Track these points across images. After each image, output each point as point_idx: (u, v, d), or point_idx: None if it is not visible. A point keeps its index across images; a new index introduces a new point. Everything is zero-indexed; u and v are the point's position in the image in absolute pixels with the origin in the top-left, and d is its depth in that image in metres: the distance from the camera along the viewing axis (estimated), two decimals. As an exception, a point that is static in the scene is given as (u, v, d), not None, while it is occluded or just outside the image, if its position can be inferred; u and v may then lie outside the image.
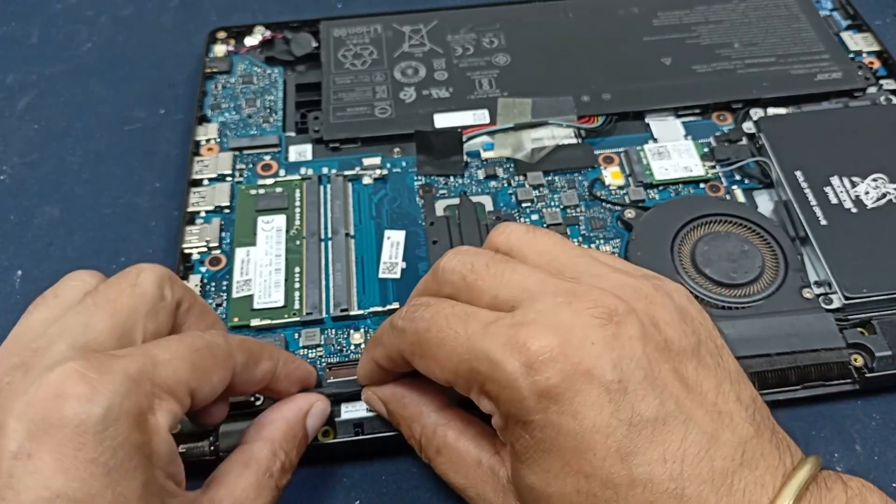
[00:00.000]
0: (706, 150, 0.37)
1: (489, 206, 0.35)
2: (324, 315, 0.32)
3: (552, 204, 0.35)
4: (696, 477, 0.19)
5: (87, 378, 0.19)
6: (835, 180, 0.34)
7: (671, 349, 0.21)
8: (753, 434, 0.21)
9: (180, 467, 0.22)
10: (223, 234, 0.35)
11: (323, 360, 0.30)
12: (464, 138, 0.37)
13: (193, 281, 0.33)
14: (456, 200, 0.36)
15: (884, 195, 0.34)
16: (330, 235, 0.34)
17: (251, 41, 0.43)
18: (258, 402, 0.28)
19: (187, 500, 0.22)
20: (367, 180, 0.37)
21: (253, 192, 0.36)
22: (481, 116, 0.38)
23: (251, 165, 0.37)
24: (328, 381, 0.29)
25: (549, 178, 0.37)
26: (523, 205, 0.35)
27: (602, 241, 0.34)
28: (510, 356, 0.20)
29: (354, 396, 0.28)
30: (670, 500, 0.19)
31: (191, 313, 0.25)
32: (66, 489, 0.18)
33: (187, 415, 0.24)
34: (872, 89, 0.40)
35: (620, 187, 0.36)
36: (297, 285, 0.32)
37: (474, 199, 0.36)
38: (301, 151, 0.38)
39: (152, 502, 0.19)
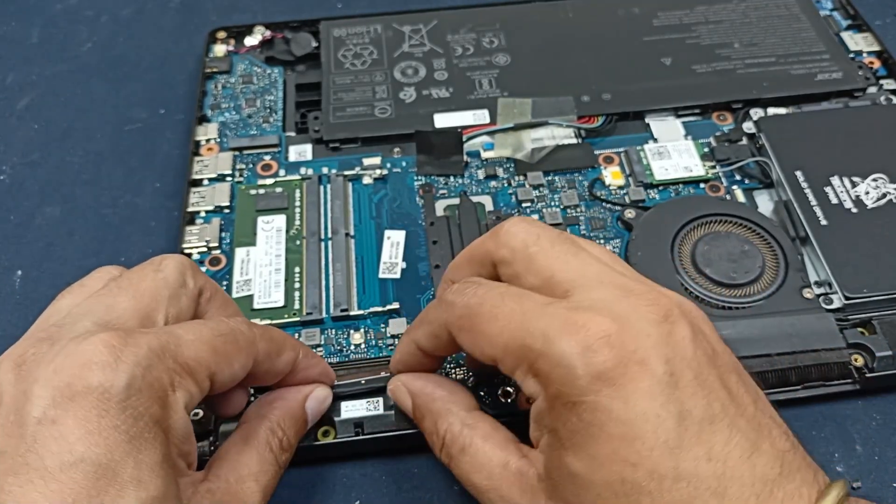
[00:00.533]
0: (706, 150, 0.37)
1: (489, 206, 0.35)
2: (324, 315, 0.32)
3: (552, 204, 0.35)
4: (738, 479, 0.19)
5: (112, 348, 0.20)
6: (835, 180, 0.34)
7: (717, 358, 0.21)
8: (790, 448, 0.21)
9: (194, 447, 0.22)
10: (223, 234, 0.35)
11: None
12: (464, 138, 0.37)
13: (193, 281, 0.33)
14: (456, 200, 0.36)
15: (884, 195, 0.34)
16: (330, 235, 0.34)
17: (251, 41, 0.43)
18: None
19: (194, 479, 0.22)
20: (367, 180, 0.37)
21: (253, 192, 0.36)
22: (481, 116, 0.38)
23: (251, 165, 0.37)
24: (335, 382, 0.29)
25: (550, 178, 0.36)
26: (523, 205, 0.35)
27: (602, 242, 0.34)
28: (567, 335, 0.20)
29: (355, 395, 0.28)
30: (712, 499, 0.19)
31: (212, 302, 0.25)
32: (89, 454, 0.18)
33: (206, 402, 0.24)
34: (872, 89, 0.40)
35: (620, 187, 0.36)
36: (297, 285, 0.32)
37: (474, 198, 0.36)
38: (301, 151, 0.38)
39: (167, 477, 0.20)
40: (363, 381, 0.29)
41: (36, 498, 0.18)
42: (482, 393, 0.29)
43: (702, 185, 0.36)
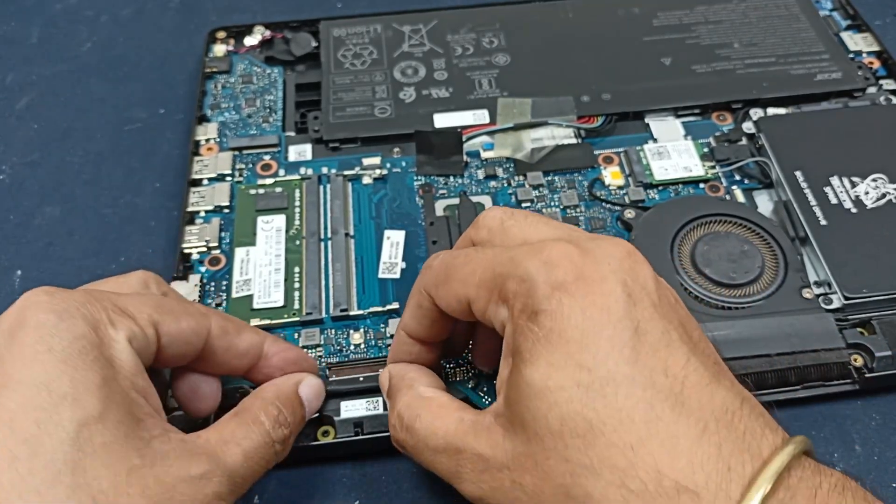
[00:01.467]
0: (706, 150, 0.37)
1: (489, 206, 0.35)
2: (323, 315, 0.32)
3: (552, 204, 0.35)
4: (696, 399, 0.20)
5: (49, 293, 0.21)
6: (834, 180, 0.34)
7: (679, 307, 0.22)
8: (750, 396, 0.21)
9: (152, 390, 0.23)
10: (223, 234, 0.35)
11: (323, 360, 0.30)
12: (463, 138, 0.37)
13: (193, 281, 0.33)
14: (456, 200, 0.36)
15: (883, 195, 0.34)
16: (330, 235, 0.34)
17: (251, 41, 0.43)
18: None
19: (167, 427, 0.22)
20: (366, 180, 0.37)
21: (252, 191, 0.36)
22: (481, 116, 0.38)
23: (251, 165, 0.37)
24: (330, 378, 0.29)
25: (549, 178, 0.37)
26: (523, 205, 0.35)
27: (602, 241, 0.34)
28: (533, 257, 0.21)
29: (355, 392, 0.28)
30: (670, 409, 0.19)
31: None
32: (24, 376, 0.20)
33: (176, 397, 0.25)
34: (872, 89, 0.40)
35: (620, 187, 0.36)
36: (296, 285, 0.32)
37: (474, 199, 0.36)
38: (301, 151, 0.38)
39: (109, 402, 0.20)
40: (361, 378, 0.29)
41: None
42: (481, 392, 0.29)
43: (701, 186, 0.36)
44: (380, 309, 0.32)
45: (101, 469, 0.19)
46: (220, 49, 0.43)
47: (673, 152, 0.37)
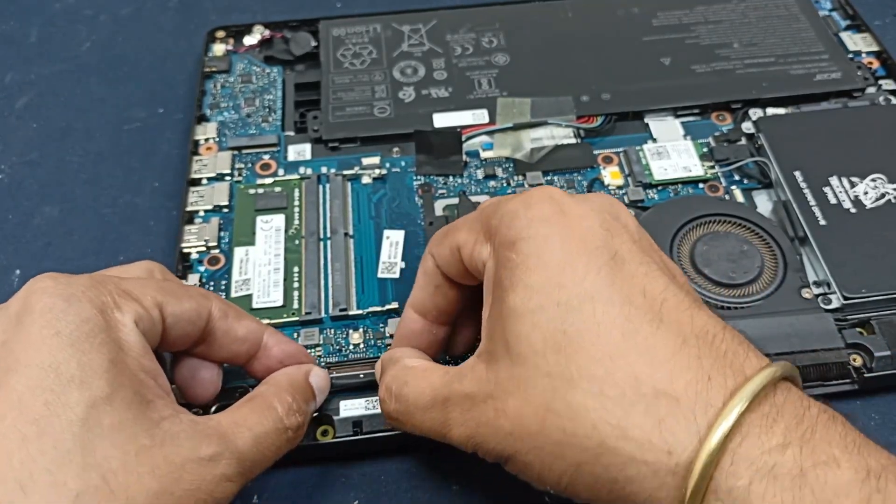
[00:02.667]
0: (705, 150, 0.37)
1: (488, 206, 0.35)
2: (323, 315, 0.32)
3: (551, 204, 0.35)
4: (675, 319, 0.20)
5: (55, 278, 0.22)
6: (834, 180, 0.34)
7: (659, 251, 0.24)
8: (731, 328, 0.21)
9: (161, 371, 0.23)
10: (222, 234, 0.34)
11: (322, 359, 0.30)
12: (463, 138, 0.37)
13: (192, 280, 0.33)
14: (455, 200, 0.36)
15: (882, 195, 0.34)
16: (329, 235, 0.34)
17: (250, 40, 0.43)
18: None
19: (177, 408, 0.22)
20: (366, 180, 0.37)
21: (252, 191, 0.36)
22: (480, 116, 0.38)
23: (250, 165, 0.37)
24: (330, 376, 0.29)
25: (549, 177, 0.36)
26: (522, 204, 0.35)
27: (601, 241, 0.34)
28: (517, 198, 0.23)
29: (354, 391, 0.29)
30: (649, 325, 0.20)
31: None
32: (33, 359, 0.20)
33: (178, 385, 0.25)
34: (871, 89, 0.40)
35: (620, 187, 0.36)
36: (296, 285, 0.32)
37: (473, 198, 0.36)
38: (300, 151, 0.38)
39: (117, 383, 0.20)
40: (362, 375, 0.29)
41: None
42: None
43: (701, 186, 0.36)
44: (379, 309, 0.32)
45: (111, 449, 0.19)
46: (219, 48, 0.43)
47: (672, 152, 0.37)
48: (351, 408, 0.28)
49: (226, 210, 0.35)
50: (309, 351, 0.30)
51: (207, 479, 0.21)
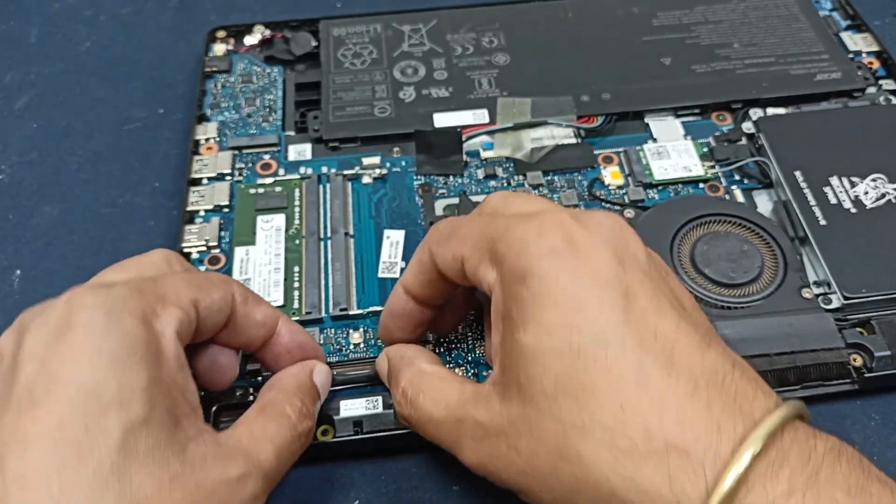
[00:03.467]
0: (705, 150, 0.37)
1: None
2: (323, 314, 0.32)
3: (552, 204, 0.35)
4: (686, 360, 0.20)
5: (94, 291, 0.21)
6: (834, 180, 0.34)
7: (668, 274, 0.23)
8: (743, 363, 0.21)
9: (193, 387, 0.23)
10: (222, 234, 0.34)
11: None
12: (463, 138, 0.37)
13: (192, 280, 0.33)
14: (455, 200, 0.36)
15: (883, 195, 0.34)
16: (329, 235, 0.34)
17: (251, 40, 0.43)
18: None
19: (201, 427, 0.22)
20: (366, 180, 0.37)
21: (252, 191, 0.36)
22: (481, 116, 0.38)
23: (250, 165, 0.37)
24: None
25: (549, 177, 0.37)
26: (523, 204, 0.35)
27: (601, 241, 0.34)
28: (526, 223, 0.22)
29: (355, 390, 0.29)
30: (661, 371, 0.20)
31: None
32: (73, 379, 0.19)
33: (196, 372, 0.25)
34: (872, 89, 0.40)
35: (620, 187, 0.36)
36: (296, 285, 0.32)
37: (474, 198, 0.36)
38: (300, 151, 0.38)
39: (155, 403, 0.20)
40: (361, 376, 0.29)
41: (27, 426, 0.19)
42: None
43: (701, 185, 0.36)
44: (379, 308, 0.32)
45: (146, 476, 0.19)
46: (219, 48, 0.43)
47: (672, 152, 0.37)
48: (351, 408, 0.28)
49: (226, 210, 0.35)
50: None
51: (237, 500, 0.21)
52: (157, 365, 0.21)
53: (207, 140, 0.38)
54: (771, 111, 0.38)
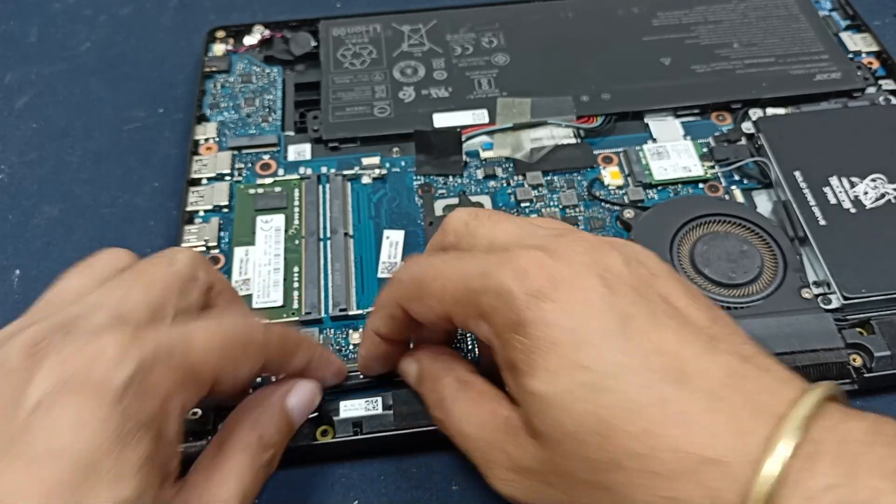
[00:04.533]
0: (705, 150, 0.37)
1: (488, 206, 0.35)
2: (323, 315, 0.32)
3: (551, 204, 0.35)
4: (696, 373, 0.20)
5: (122, 344, 0.20)
6: (833, 180, 0.34)
7: (659, 278, 0.22)
8: (755, 350, 0.21)
9: (178, 456, 0.22)
10: (222, 234, 0.34)
11: (322, 359, 0.30)
12: (463, 138, 0.37)
13: (192, 280, 0.33)
14: (455, 200, 0.36)
15: (882, 195, 0.34)
16: (329, 235, 0.34)
17: (250, 40, 0.43)
18: None
19: (171, 490, 0.22)
20: (366, 180, 0.37)
21: (252, 191, 0.36)
22: (480, 116, 0.38)
23: (250, 165, 0.37)
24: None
25: (549, 177, 0.36)
26: (522, 204, 0.35)
27: (601, 241, 0.34)
28: (502, 268, 0.21)
29: (354, 392, 0.28)
30: (674, 388, 0.19)
31: (221, 296, 0.25)
32: (74, 445, 0.18)
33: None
34: (871, 89, 0.40)
35: (619, 187, 0.36)
36: (295, 285, 0.32)
37: (473, 198, 0.36)
38: (300, 151, 0.38)
39: (146, 482, 0.20)
40: (361, 377, 0.29)
41: (16, 480, 0.18)
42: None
43: (701, 186, 0.36)
44: (379, 309, 0.32)
45: None
46: (219, 48, 0.43)
47: (672, 152, 0.37)
48: (351, 408, 0.28)
49: (226, 210, 0.35)
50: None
51: None
52: (157, 441, 0.20)
53: (207, 140, 0.38)
54: (771, 111, 0.38)
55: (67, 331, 0.21)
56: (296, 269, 0.33)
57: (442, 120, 0.38)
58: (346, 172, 0.37)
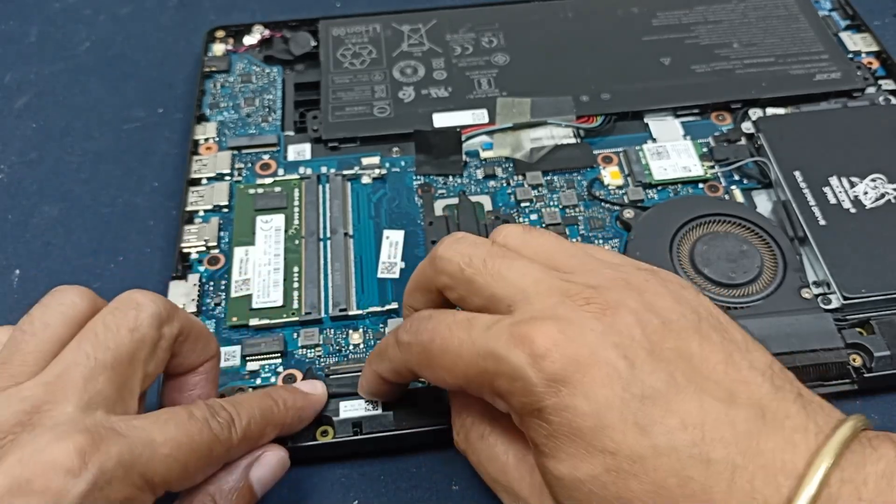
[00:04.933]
0: (705, 150, 0.37)
1: (488, 206, 0.35)
2: (322, 315, 0.32)
3: (551, 204, 0.35)
4: (719, 441, 0.19)
5: (83, 451, 0.19)
6: (833, 180, 0.34)
7: (671, 329, 0.21)
8: (772, 395, 0.20)
9: None
10: (222, 234, 0.34)
11: (321, 360, 0.30)
12: (463, 138, 0.37)
13: (192, 280, 0.33)
14: (455, 200, 0.36)
15: (882, 195, 0.34)
16: (329, 235, 0.34)
17: (250, 40, 0.43)
18: None
19: None
20: (366, 180, 0.37)
21: (252, 191, 0.36)
22: (480, 116, 0.38)
23: (250, 165, 0.37)
24: (328, 378, 0.29)
25: (548, 177, 0.36)
26: (522, 204, 0.35)
27: (601, 241, 0.34)
28: (515, 349, 0.21)
29: (354, 393, 0.28)
30: (698, 466, 0.19)
31: (188, 342, 0.25)
32: None
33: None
34: (871, 89, 0.40)
35: (619, 187, 0.36)
36: (295, 285, 0.32)
37: (473, 198, 0.36)
38: (300, 151, 0.38)
39: None
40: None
41: None
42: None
43: (700, 186, 0.36)
44: (379, 309, 0.32)
45: None
46: (219, 48, 0.43)
47: (672, 152, 0.37)
48: (351, 409, 0.28)
49: (225, 210, 0.35)
50: (309, 351, 0.31)
51: None
52: None
53: (207, 140, 0.38)
54: (770, 111, 0.38)
55: (32, 426, 0.20)
56: (296, 269, 0.33)
57: (442, 120, 0.38)
58: (345, 172, 0.37)
